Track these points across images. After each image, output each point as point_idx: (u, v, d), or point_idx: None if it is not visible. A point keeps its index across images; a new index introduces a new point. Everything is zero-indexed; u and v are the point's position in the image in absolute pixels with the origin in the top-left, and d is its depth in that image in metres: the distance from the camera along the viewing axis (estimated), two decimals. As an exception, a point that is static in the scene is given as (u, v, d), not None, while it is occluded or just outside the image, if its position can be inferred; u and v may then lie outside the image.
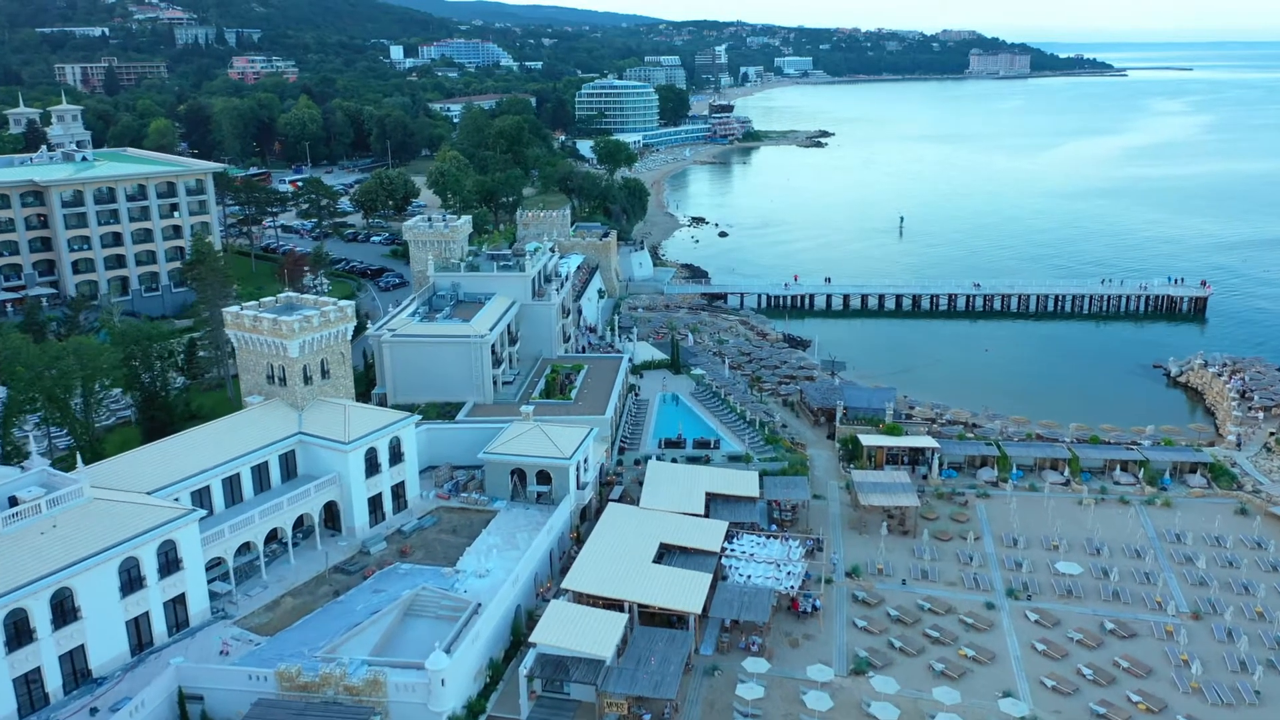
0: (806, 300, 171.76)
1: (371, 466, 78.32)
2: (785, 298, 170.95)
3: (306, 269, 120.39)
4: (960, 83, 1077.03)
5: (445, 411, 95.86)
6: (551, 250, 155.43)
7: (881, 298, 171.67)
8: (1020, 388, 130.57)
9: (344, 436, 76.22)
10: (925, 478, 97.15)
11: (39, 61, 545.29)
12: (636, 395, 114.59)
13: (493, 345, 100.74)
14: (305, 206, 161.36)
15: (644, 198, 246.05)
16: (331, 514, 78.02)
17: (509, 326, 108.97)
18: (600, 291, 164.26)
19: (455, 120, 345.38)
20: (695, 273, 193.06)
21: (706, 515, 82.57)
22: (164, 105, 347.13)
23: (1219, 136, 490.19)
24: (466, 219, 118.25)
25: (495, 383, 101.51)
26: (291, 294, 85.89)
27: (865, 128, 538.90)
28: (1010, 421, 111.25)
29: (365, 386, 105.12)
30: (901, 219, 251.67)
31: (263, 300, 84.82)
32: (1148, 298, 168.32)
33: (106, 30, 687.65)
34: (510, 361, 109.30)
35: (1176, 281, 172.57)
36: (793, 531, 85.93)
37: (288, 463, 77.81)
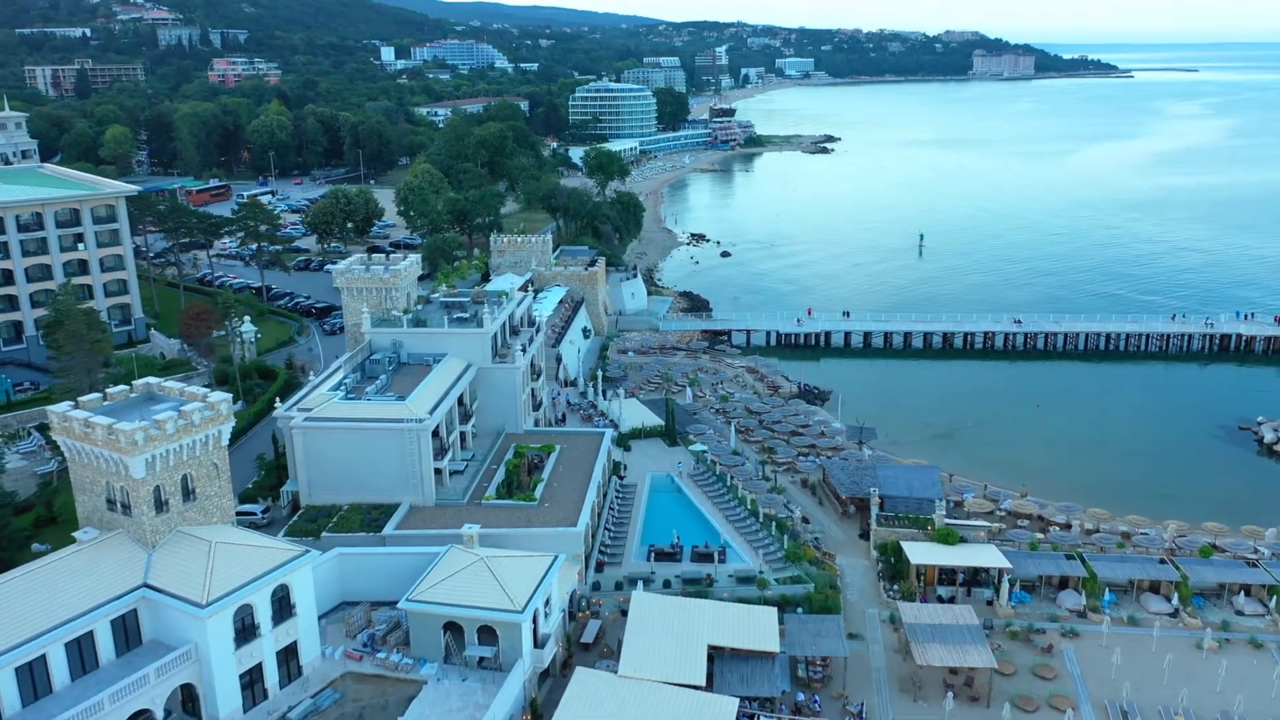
0: (822, 338, 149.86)
1: (245, 632, 56.56)
2: (798, 336, 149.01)
3: (216, 320, 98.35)
4: (964, 84, 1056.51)
5: (371, 520, 74.15)
6: (528, 286, 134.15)
7: (908, 336, 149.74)
8: (1085, 460, 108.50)
9: (201, 595, 54.41)
10: (990, 603, 75.41)
11: (14, 64, 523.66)
12: (622, 478, 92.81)
13: (438, 428, 79.08)
14: (241, 234, 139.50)
15: (639, 213, 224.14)
16: (191, 695, 56.30)
17: (462, 397, 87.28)
18: (585, 330, 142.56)
19: (441, 126, 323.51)
20: (695, 303, 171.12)
21: (709, 684, 60.87)
22: (131, 110, 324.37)
23: (1247, 142, 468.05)
24: (412, 261, 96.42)
25: (441, 475, 79.80)
26: (152, 381, 64.00)
27: (871, 131, 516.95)
28: (1086, 515, 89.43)
29: (276, 479, 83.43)
30: (921, 237, 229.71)
31: (109, 392, 62.98)
32: (1213, 336, 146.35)
33: (88, 31, 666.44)
34: (464, 442, 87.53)
35: (1247, 317, 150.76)
36: (824, 694, 64.32)
37: (127, 628, 56.01)
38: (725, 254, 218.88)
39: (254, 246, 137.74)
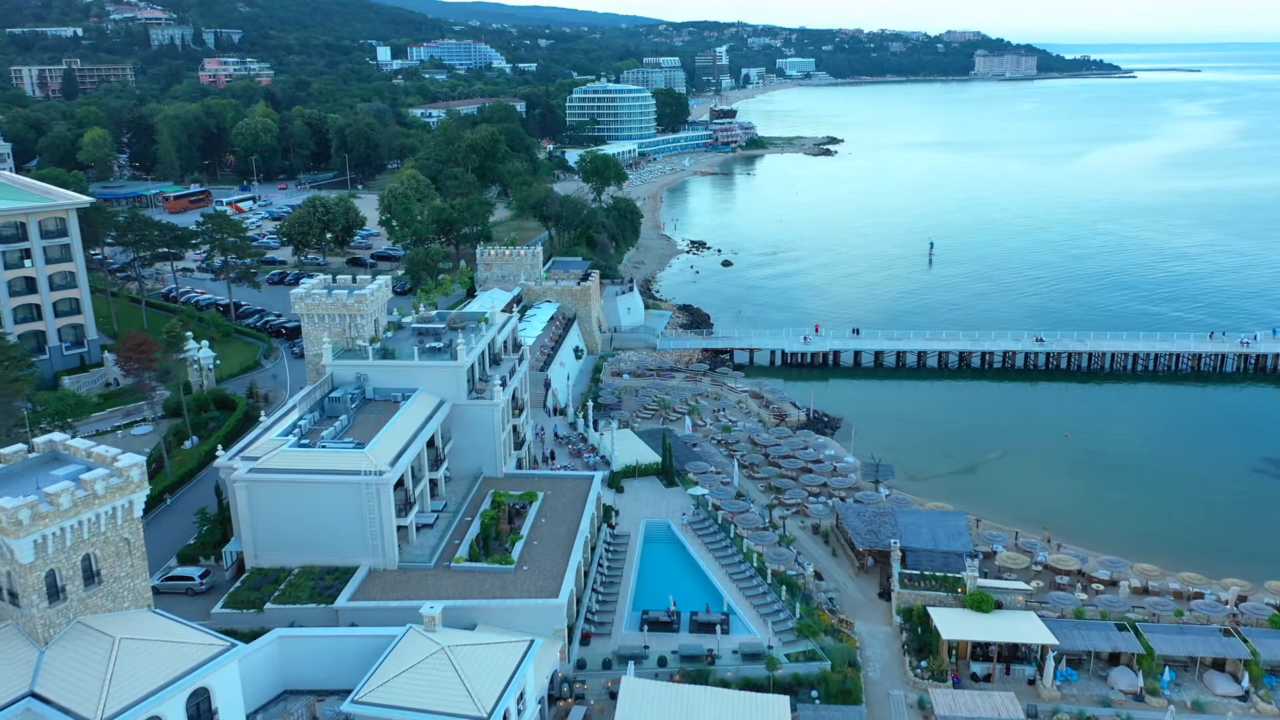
0: (830, 357, 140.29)
1: (152, 750, 46.98)
2: (804, 355, 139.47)
3: (158, 352, 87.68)
4: (966, 84, 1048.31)
5: (324, 588, 64.71)
6: (512, 307, 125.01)
7: (922, 355, 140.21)
8: (1124, 500, 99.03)
9: (95, 710, 44.82)
10: (1032, 682, 65.92)
11: (2, 64, 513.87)
12: (613, 527, 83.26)
13: (403, 477, 69.63)
14: (205, 247, 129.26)
15: (636, 221, 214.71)
16: (89, 824, 46.70)
17: (434, 438, 77.81)
18: (577, 350, 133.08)
19: (435, 128, 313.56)
20: (695, 318, 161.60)
21: (711, 801, 51.40)
22: (114, 112, 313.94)
23: (1255, 144, 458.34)
24: (382, 284, 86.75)
25: (406, 532, 70.36)
26: (57, 438, 54.44)
27: (874, 133, 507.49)
28: (1134, 572, 79.85)
29: (221, 535, 73.93)
30: (931, 245, 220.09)
31: (5, 454, 53.41)
32: (1249, 357, 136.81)
33: (80, 31, 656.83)
34: (434, 490, 78.02)
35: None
36: (845, 804, 54.85)
37: (7, 747, 46.44)
38: (727, 263, 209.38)
39: (221, 260, 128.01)
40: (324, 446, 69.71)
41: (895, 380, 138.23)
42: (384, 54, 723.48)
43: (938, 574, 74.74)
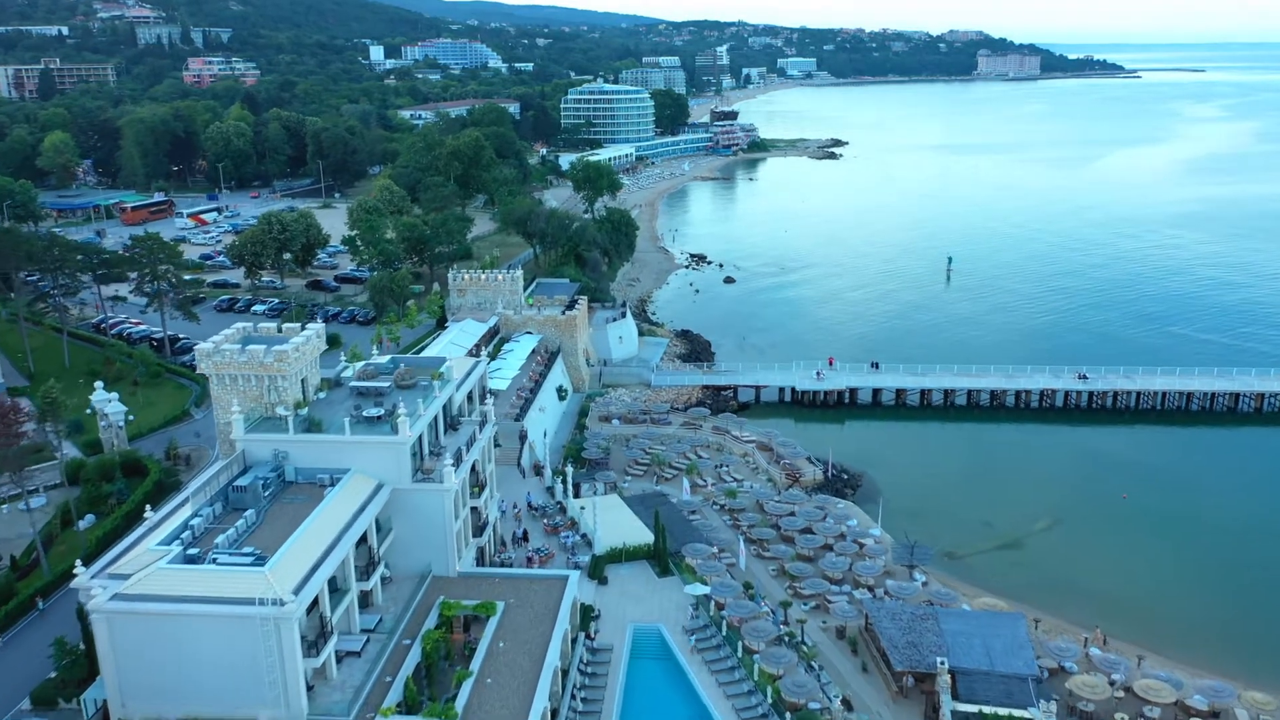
0: (847, 395, 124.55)
1: None
2: (817, 394, 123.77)
3: (25, 418, 70.92)
4: (969, 84, 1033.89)
5: (204, 758, 49.11)
6: (490, 337, 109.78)
7: (949, 394, 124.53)
8: (1204, 583, 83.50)
9: None
10: None
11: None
12: (592, 639, 67.62)
13: (318, 598, 54.06)
14: (134, 276, 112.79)
15: (631, 233, 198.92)
16: None
17: (368, 533, 62.20)
18: (560, 390, 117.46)
19: (416, 132, 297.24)
20: (694, 347, 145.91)
21: None
22: (88, 113, 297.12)
23: (1275, 146, 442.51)
24: (312, 336, 70.76)
25: (324, 670, 54.77)
26: None
27: (879, 135, 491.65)
28: (1242, 702, 64.08)
29: (87, 672, 58.15)
30: (950, 260, 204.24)
31: None
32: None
33: (65, 30, 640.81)
34: (367, 601, 62.38)
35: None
36: None
37: None
38: (729, 280, 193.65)
39: (154, 288, 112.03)
40: (215, 561, 54.05)
41: (919, 422, 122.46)
42: (377, 53, 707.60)
43: (999, 712, 59.15)
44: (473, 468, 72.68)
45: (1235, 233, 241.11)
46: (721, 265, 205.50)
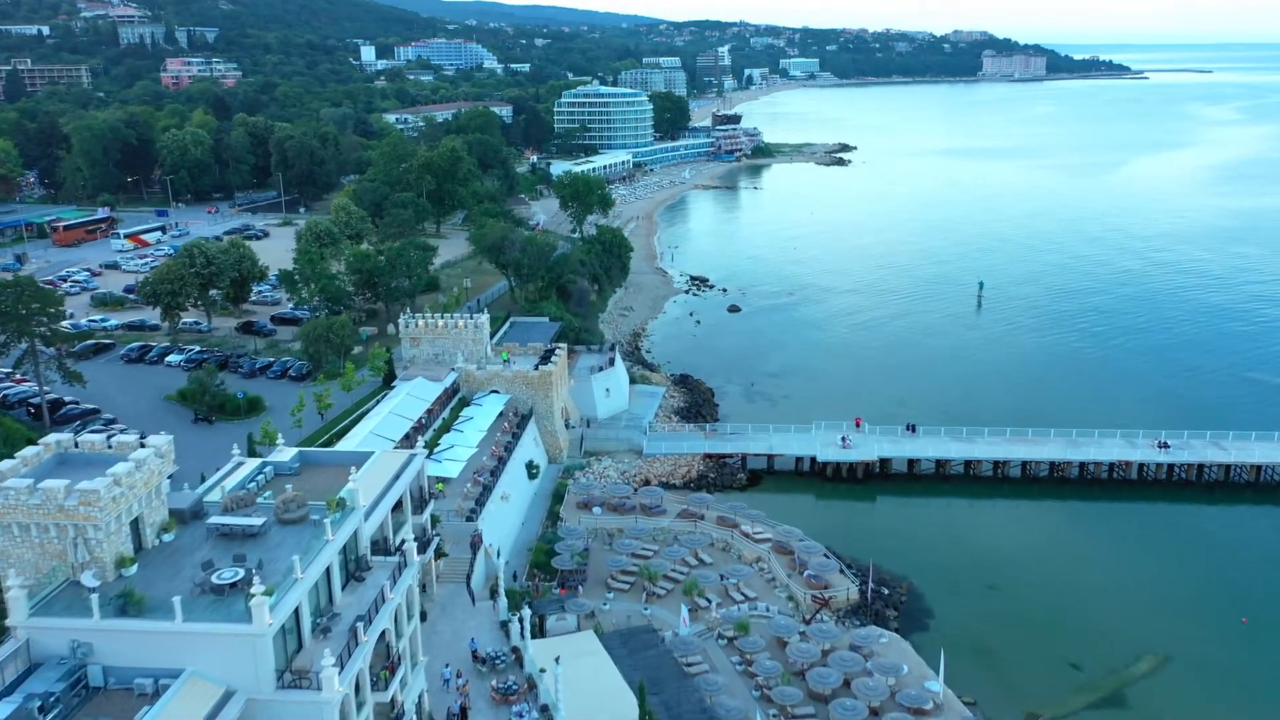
0: (877, 466, 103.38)
1: None
2: (843, 466, 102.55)
3: None
4: (974, 85, 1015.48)
5: None
6: (449, 397, 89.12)
7: (1001, 466, 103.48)
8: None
9: None
10: None
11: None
12: None
13: None
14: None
15: (624, 255, 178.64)
16: None
17: (205, 775, 41.00)
18: (530, 467, 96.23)
19: (414, 136, 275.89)
20: (695, 398, 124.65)
21: None
22: (41, 119, 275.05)
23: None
24: (148, 455, 49.82)
25: None
26: None
27: (888, 138, 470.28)
28: None
29: None
30: (980, 285, 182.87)
31: None
32: None
33: (46, 29, 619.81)
34: None
35: None
36: None
37: None
38: (734, 309, 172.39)
39: (23, 347, 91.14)
40: None
41: (966, 499, 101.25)
42: (368, 54, 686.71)
43: None
44: (383, 637, 51.69)
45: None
46: (725, 290, 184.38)
